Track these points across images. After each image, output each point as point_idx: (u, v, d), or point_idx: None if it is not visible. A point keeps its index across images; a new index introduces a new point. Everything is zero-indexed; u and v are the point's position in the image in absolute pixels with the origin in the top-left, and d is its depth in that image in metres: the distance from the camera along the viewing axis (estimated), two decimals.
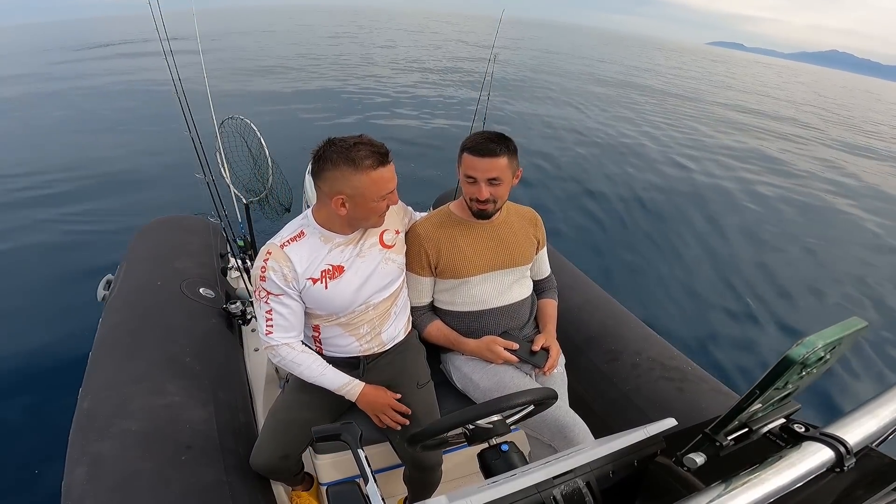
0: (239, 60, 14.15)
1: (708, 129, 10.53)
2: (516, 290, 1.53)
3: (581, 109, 10.83)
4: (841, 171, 8.61)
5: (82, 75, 12.41)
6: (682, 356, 1.68)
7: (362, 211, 1.20)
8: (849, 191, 7.42)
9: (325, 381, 1.29)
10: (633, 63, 27.12)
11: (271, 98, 9.50)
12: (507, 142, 1.36)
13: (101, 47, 19.71)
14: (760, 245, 4.95)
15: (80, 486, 1.07)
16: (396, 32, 30.52)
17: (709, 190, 6.35)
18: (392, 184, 1.21)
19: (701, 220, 5.32)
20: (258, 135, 2.26)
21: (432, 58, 18.13)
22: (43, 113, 8.18)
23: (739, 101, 16.43)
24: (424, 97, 10.42)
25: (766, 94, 20.03)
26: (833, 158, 9.62)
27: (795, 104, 16.41)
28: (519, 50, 17.12)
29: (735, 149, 8.93)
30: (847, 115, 16.65)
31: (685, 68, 26.09)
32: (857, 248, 5.17)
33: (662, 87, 16.20)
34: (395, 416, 1.32)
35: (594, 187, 5.94)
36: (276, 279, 1.20)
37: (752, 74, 29.73)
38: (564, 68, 18.58)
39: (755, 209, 5.92)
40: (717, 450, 0.72)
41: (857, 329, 0.63)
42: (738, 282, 4.14)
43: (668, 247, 4.67)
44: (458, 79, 13.29)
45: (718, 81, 20.48)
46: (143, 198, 4.72)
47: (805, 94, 21.04)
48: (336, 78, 12.12)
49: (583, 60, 22.09)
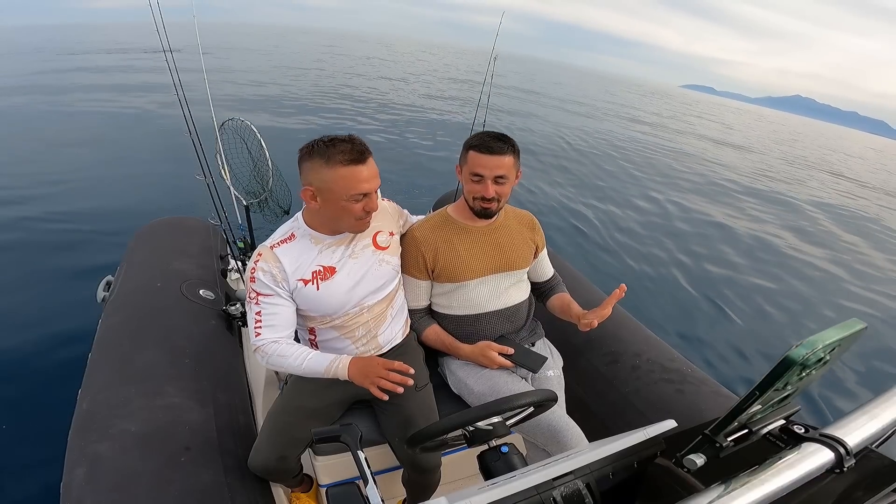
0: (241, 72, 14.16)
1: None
2: (513, 294, 1.53)
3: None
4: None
5: (82, 76, 12.42)
6: (681, 358, 1.68)
7: (332, 209, 1.19)
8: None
9: (313, 367, 1.23)
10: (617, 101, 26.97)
11: (271, 99, 9.51)
12: (512, 141, 1.38)
13: (102, 53, 19.75)
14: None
15: (80, 486, 1.06)
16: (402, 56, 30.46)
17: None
18: (365, 185, 1.17)
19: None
20: (258, 136, 2.26)
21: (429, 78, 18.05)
22: (43, 113, 8.19)
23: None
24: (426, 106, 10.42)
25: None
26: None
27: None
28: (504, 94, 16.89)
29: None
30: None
31: (661, 114, 25.84)
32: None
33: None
34: (393, 376, 1.19)
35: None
36: (265, 280, 1.21)
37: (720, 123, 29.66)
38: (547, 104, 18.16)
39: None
40: (716, 451, 0.72)
41: (856, 330, 0.63)
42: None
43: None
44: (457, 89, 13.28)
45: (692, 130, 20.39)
46: (143, 199, 4.71)
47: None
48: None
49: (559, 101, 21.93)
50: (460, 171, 1.44)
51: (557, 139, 10.42)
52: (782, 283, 4.91)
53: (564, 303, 1.56)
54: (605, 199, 6.59)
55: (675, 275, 4.62)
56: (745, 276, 4.90)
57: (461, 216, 1.49)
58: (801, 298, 4.63)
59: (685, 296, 4.26)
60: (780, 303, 4.40)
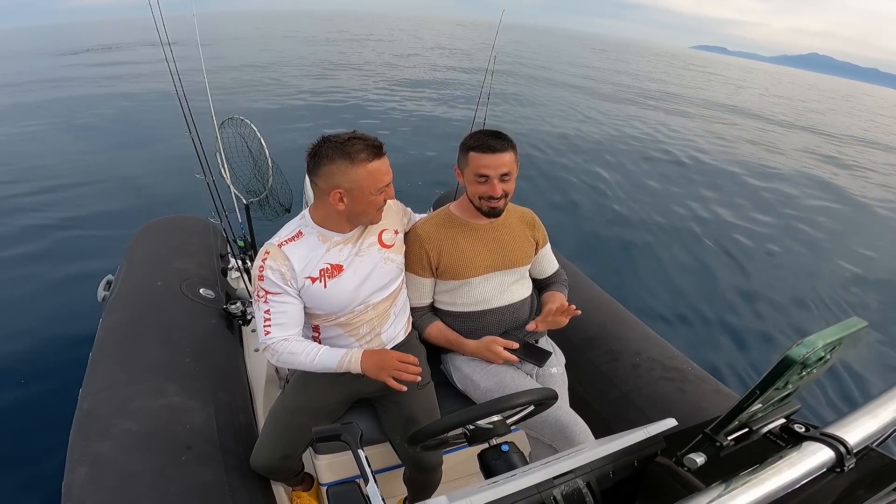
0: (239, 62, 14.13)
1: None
2: (517, 290, 1.53)
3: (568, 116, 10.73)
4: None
5: (81, 76, 12.42)
6: (682, 356, 1.68)
7: (361, 205, 1.21)
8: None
9: (325, 362, 1.24)
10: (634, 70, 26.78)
11: (271, 100, 9.51)
12: (508, 137, 1.39)
13: (100, 50, 19.71)
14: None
15: (81, 486, 1.07)
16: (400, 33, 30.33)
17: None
18: (388, 176, 1.22)
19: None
20: (258, 135, 2.26)
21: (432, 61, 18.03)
22: (42, 114, 8.18)
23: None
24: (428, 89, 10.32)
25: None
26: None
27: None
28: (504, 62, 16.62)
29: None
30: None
31: (681, 74, 25.49)
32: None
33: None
34: (407, 367, 1.22)
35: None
36: (274, 278, 1.21)
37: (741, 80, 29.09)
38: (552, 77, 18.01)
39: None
40: (717, 450, 0.72)
41: (857, 329, 0.63)
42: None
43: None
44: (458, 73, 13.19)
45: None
46: (143, 198, 4.72)
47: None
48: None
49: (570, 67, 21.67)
50: (460, 172, 1.44)
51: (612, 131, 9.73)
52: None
53: (545, 298, 1.56)
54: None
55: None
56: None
57: (464, 214, 1.49)
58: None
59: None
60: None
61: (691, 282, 4.15)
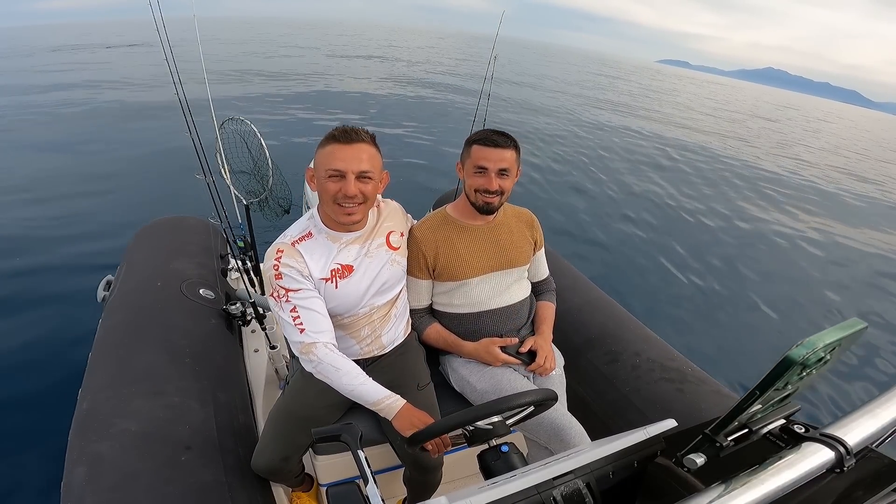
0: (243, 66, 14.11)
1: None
2: (515, 291, 1.53)
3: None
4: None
5: (81, 76, 12.41)
6: (681, 357, 1.68)
7: (319, 190, 1.20)
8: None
9: (362, 392, 1.18)
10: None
11: (270, 99, 9.50)
12: (513, 138, 1.41)
13: (101, 49, 19.71)
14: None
15: (80, 486, 1.06)
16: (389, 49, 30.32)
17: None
18: (340, 163, 1.14)
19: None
20: (258, 136, 2.26)
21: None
22: (42, 114, 8.18)
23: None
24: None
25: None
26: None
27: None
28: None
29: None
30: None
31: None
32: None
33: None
34: (441, 444, 1.15)
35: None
36: (292, 275, 1.18)
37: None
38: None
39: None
40: (716, 450, 0.72)
41: (856, 330, 0.63)
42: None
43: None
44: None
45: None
46: (143, 198, 4.71)
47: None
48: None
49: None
50: (461, 167, 1.45)
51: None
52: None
53: (540, 315, 1.58)
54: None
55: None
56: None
57: (461, 215, 1.50)
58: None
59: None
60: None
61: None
